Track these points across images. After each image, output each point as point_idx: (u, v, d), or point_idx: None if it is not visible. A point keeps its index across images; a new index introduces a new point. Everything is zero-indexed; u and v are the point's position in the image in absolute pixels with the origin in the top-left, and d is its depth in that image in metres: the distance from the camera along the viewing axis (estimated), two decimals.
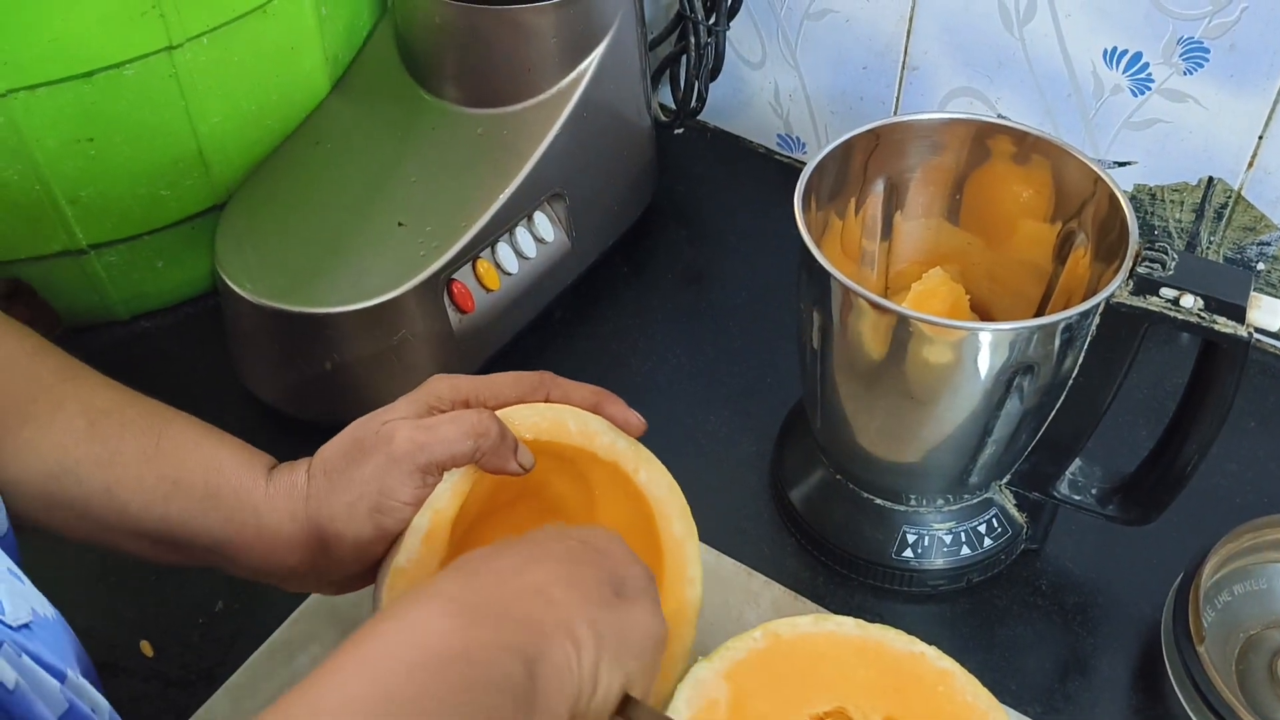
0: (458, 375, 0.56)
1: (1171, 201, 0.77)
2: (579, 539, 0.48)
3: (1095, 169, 0.58)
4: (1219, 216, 0.76)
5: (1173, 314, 0.54)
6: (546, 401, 0.57)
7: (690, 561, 0.56)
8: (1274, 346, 0.79)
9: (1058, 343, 0.55)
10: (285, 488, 0.53)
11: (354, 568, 0.53)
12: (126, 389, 0.56)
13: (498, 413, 0.54)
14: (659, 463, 0.58)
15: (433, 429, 0.51)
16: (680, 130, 0.93)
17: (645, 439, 0.74)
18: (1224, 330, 0.53)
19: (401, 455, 0.51)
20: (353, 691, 0.39)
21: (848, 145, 0.61)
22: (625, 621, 0.46)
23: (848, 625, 0.55)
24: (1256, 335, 0.78)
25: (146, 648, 0.65)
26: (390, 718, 0.38)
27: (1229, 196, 0.74)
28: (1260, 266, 0.76)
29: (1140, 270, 0.54)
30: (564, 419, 0.56)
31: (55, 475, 0.52)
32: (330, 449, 0.53)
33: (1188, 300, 0.54)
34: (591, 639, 0.44)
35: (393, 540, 0.52)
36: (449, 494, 0.52)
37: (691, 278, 0.86)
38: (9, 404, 0.53)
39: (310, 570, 0.53)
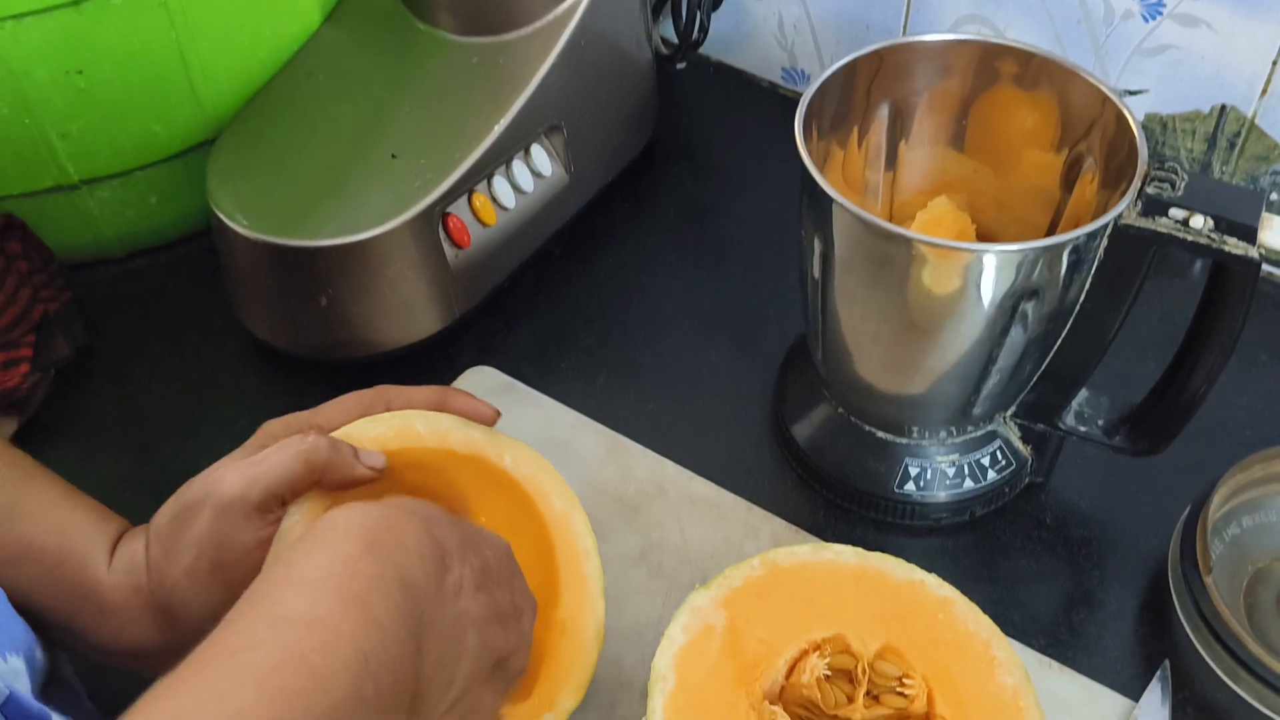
0: (290, 414, 0.55)
1: (1183, 131, 0.75)
2: (510, 589, 0.47)
3: (1103, 89, 0.57)
4: (1232, 145, 0.74)
5: (1182, 235, 0.52)
6: (389, 411, 0.55)
7: (580, 534, 0.55)
8: None
9: (1064, 266, 0.54)
10: (127, 560, 0.50)
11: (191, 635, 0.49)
12: None
13: (342, 431, 0.53)
14: (523, 444, 0.56)
15: (260, 461, 0.49)
16: (682, 65, 0.91)
17: (649, 377, 0.74)
18: (1234, 251, 0.52)
19: (233, 497, 0.48)
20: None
21: (851, 68, 0.60)
22: (478, 704, 0.45)
23: (846, 554, 0.54)
24: (1269, 268, 0.77)
25: None
26: None
27: (1242, 125, 0.73)
28: (1274, 196, 0.74)
29: (1149, 191, 0.53)
30: (410, 423, 0.54)
31: None
32: (161, 515, 0.50)
33: (1197, 221, 0.52)
34: (451, 699, 0.43)
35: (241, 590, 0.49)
36: (301, 525, 0.50)
37: (693, 214, 0.85)
38: None
39: (166, 649, 0.49)
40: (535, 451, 0.56)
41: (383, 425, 0.54)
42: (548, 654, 0.54)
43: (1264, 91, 0.71)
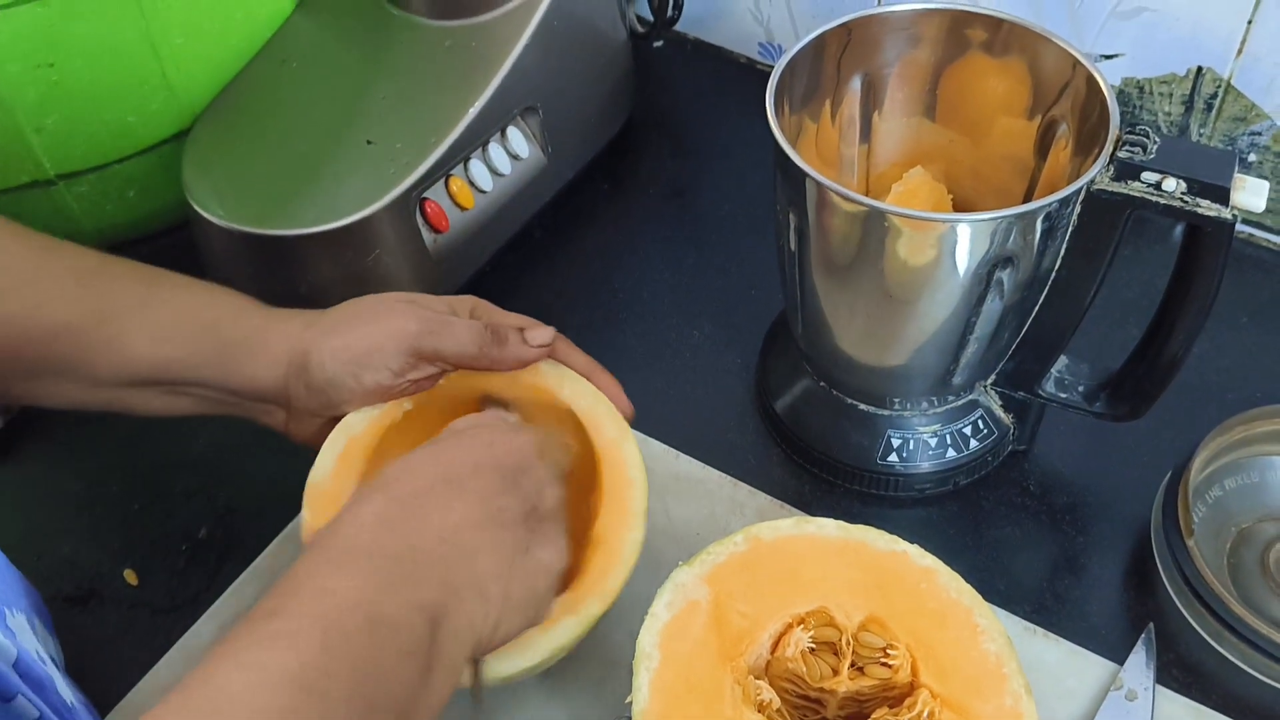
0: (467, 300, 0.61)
1: (1160, 94, 0.75)
2: (497, 459, 0.49)
3: (1074, 53, 0.56)
4: (1209, 107, 0.74)
5: (1154, 198, 0.52)
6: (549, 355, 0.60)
7: (629, 463, 0.57)
8: (1267, 240, 0.77)
9: (1038, 233, 0.54)
10: (291, 313, 0.58)
11: (318, 402, 0.57)
12: (107, 254, 0.58)
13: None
14: (581, 379, 0.60)
15: (447, 324, 0.56)
16: (659, 43, 0.91)
17: (632, 357, 0.74)
18: (1207, 213, 0.52)
19: (408, 333, 0.56)
20: (266, 668, 0.38)
21: (820, 41, 0.60)
22: (534, 568, 0.48)
23: (829, 527, 0.54)
24: (1250, 230, 0.77)
25: (130, 576, 0.65)
26: (301, 691, 0.38)
27: (1218, 86, 0.72)
28: (1252, 158, 0.74)
29: (1121, 155, 0.53)
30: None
31: (53, 336, 0.54)
32: (351, 304, 0.58)
33: (1170, 184, 0.52)
34: (499, 596, 0.46)
35: (357, 399, 0.57)
36: (364, 422, 0.58)
37: (673, 192, 0.84)
38: None
39: (285, 394, 0.57)
40: (591, 386, 0.59)
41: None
42: (581, 567, 0.55)
43: (1239, 51, 0.71)
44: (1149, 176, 0.52)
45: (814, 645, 0.53)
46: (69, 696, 0.51)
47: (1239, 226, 0.75)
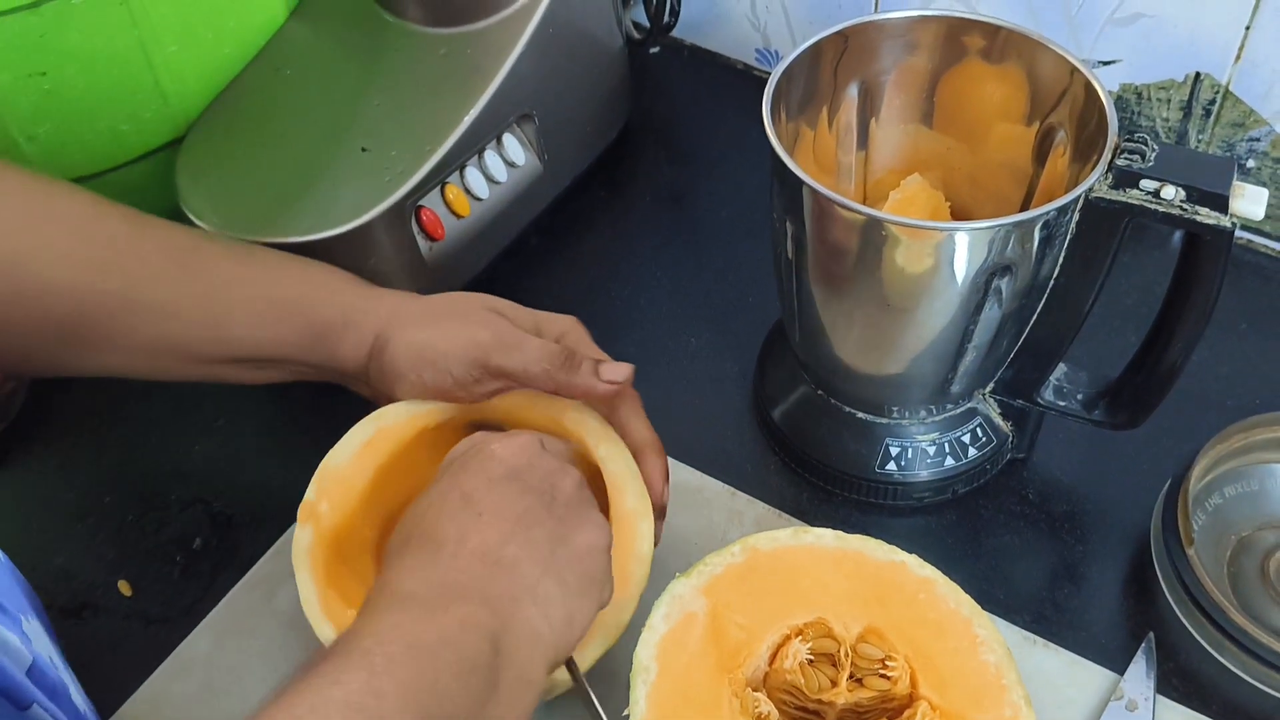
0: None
1: (1158, 100, 0.75)
2: (505, 466, 0.49)
3: (1071, 60, 0.56)
4: (1207, 113, 0.73)
5: (1153, 206, 0.52)
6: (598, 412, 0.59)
7: (641, 537, 0.55)
8: (1266, 246, 0.77)
9: (1036, 241, 0.53)
10: (384, 293, 0.59)
11: (386, 384, 0.58)
12: (199, 232, 0.60)
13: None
14: (620, 442, 0.58)
15: (520, 341, 0.56)
16: (655, 49, 0.90)
17: (628, 362, 0.73)
18: (1206, 221, 0.51)
19: (479, 343, 0.56)
20: (319, 702, 0.38)
21: (816, 49, 0.59)
22: (578, 554, 0.48)
23: (827, 537, 0.54)
24: (1249, 236, 0.77)
25: (125, 587, 0.64)
26: (353, 713, 0.38)
27: (1217, 92, 0.72)
28: (1250, 164, 0.74)
29: (1119, 163, 0.53)
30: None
31: (150, 314, 0.55)
32: (442, 298, 0.59)
33: (1168, 191, 0.52)
34: (557, 592, 0.46)
35: (415, 393, 0.58)
36: (401, 415, 0.58)
37: (670, 199, 0.84)
38: (86, 263, 0.55)
39: (365, 371, 0.59)
40: (629, 456, 0.57)
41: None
42: None
43: (1238, 58, 0.70)
44: (1147, 184, 0.52)
45: (812, 656, 0.52)
46: (81, 704, 0.51)
47: (1238, 233, 0.74)
